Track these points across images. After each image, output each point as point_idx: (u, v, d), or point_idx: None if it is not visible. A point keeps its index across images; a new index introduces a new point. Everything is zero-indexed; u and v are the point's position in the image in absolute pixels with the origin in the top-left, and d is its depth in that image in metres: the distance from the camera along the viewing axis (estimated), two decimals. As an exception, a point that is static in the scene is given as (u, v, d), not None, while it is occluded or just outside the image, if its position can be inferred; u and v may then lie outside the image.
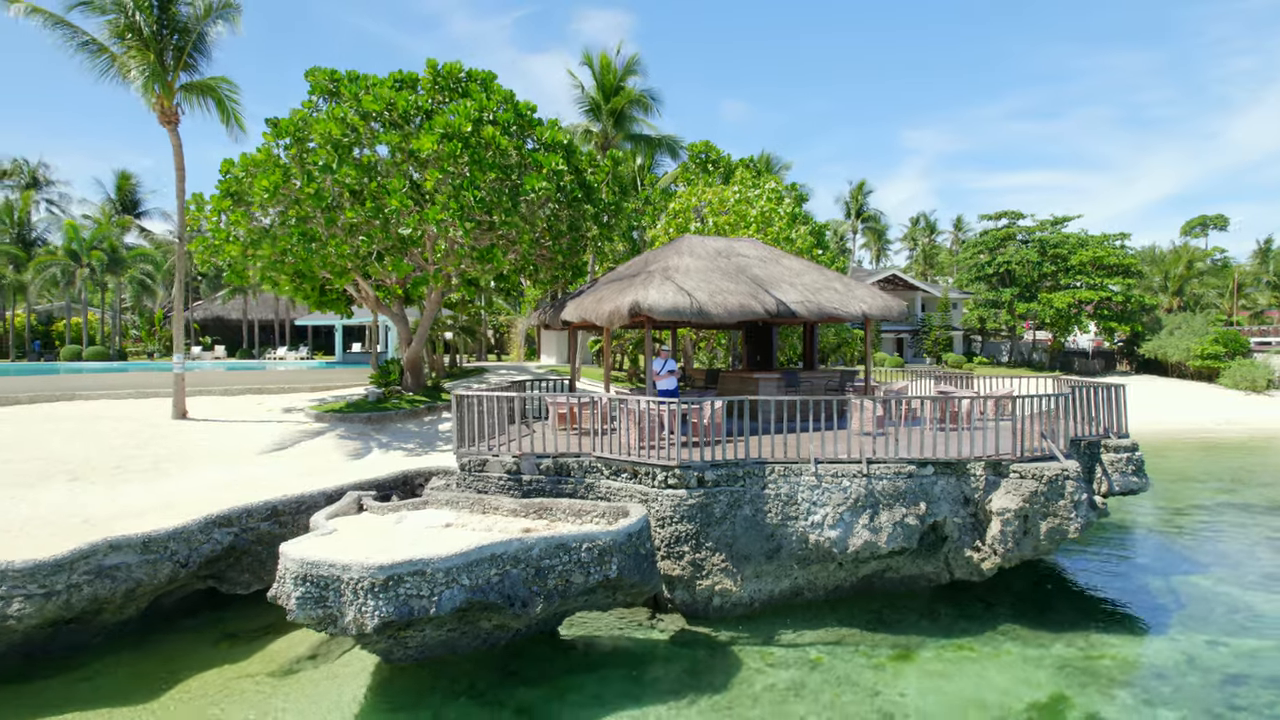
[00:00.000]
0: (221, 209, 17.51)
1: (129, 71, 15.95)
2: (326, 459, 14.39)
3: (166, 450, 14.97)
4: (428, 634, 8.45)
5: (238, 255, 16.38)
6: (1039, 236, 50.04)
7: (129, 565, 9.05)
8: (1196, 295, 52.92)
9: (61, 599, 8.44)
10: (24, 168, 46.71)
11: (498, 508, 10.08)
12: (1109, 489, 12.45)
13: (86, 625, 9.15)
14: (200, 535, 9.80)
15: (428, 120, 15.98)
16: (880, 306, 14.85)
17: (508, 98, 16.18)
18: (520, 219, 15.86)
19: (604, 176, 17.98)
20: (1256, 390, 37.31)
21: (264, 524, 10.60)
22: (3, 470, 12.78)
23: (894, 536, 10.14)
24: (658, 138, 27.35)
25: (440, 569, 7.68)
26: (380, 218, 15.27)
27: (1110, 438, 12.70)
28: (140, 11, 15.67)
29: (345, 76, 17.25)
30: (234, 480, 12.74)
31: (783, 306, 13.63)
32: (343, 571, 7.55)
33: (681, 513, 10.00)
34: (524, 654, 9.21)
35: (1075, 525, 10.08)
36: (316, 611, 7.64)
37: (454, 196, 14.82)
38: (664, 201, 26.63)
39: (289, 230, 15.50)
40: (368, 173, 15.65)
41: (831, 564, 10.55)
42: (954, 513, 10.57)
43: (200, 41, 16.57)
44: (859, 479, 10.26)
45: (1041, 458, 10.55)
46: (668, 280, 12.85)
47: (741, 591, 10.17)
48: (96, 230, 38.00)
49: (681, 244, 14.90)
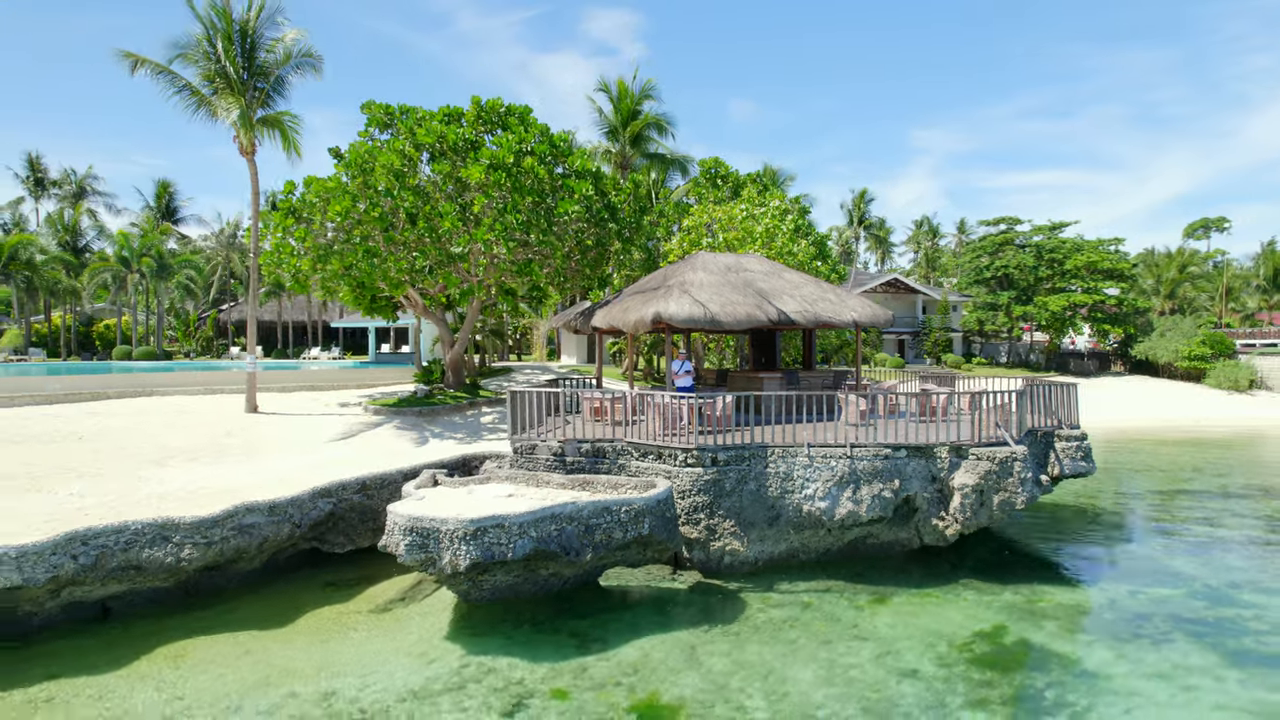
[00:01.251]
0: (285, 226, 19.92)
1: (217, 111, 18.38)
2: (392, 445, 16.74)
3: (251, 438, 17.37)
4: (499, 578, 10.77)
5: (307, 269, 18.73)
6: (1035, 241, 51.97)
7: (260, 524, 11.40)
8: (1188, 298, 54.72)
9: (216, 548, 10.79)
10: (72, 177, 49.46)
11: (548, 481, 12.38)
12: (1061, 471, 14.64)
13: (226, 571, 11.51)
14: (309, 503, 12.15)
15: (473, 151, 18.29)
16: (869, 315, 17.05)
17: (543, 131, 18.50)
18: (554, 237, 18.17)
19: (625, 197, 20.27)
20: (1239, 390, 39.23)
21: (355, 496, 12.95)
22: (132, 454, 15.20)
23: (872, 507, 12.38)
24: (671, 157, 29.64)
25: (515, 523, 9.98)
26: (433, 236, 17.60)
27: (1063, 428, 14.87)
28: (229, 61, 18.06)
29: (398, 110, 19.60)
30: (319, 462, 15.10)
31: (784, 315, 15.88)
32: (441, 524, 9.86)
33: (698, 487, 12.27)
34: (572, 598, 11.49)
35: (1022, 498, 12.29)
36: (420, 555, 9.96)
37: (498, 219, 17.14)
38: (676, 214, 28.93)
39: (354, 247, 17.83)
40: (421, 197, 17.98)
41: (821, 530, 12.78)
42: (923, 488, 12.80)
43: (278, 84, 18.96)
44: (844, 460, 12.50)
45: (996, 443, 12.75)
46: (685, 293, 15.12)
47: (747, 552, 12.43)
48: (145, 239, 40.59)
49: (695, 260, 17.16)
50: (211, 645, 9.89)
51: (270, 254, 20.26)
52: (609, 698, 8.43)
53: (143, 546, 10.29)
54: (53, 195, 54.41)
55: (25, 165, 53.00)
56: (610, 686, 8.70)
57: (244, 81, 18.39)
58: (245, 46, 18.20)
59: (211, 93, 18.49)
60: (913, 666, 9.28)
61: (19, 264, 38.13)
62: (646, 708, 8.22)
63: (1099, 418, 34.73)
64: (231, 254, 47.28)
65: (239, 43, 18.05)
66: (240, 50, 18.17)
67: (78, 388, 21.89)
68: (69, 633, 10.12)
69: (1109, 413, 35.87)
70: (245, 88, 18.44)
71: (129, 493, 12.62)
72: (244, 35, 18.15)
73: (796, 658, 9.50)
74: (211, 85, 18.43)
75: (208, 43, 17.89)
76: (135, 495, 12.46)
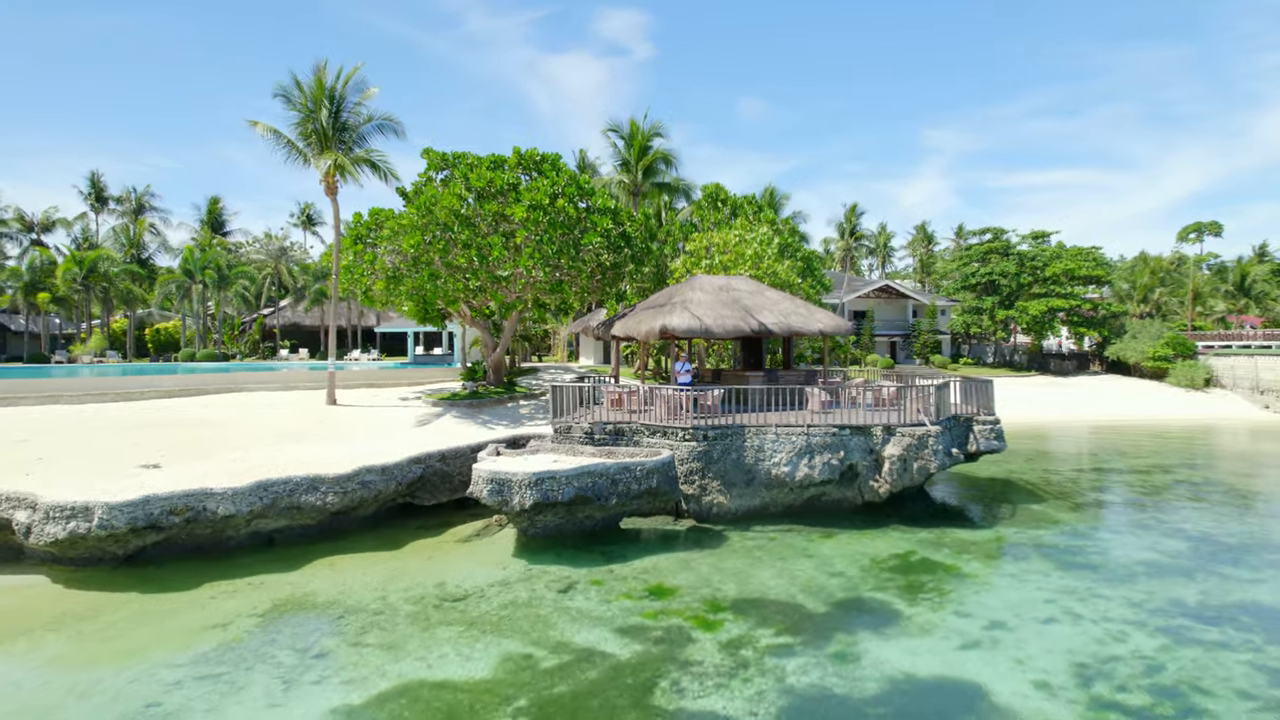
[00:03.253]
0: (356, 251, 24.34)
1: (310, 160, 22.84)
2: (454, 429, 21.09)
3: (339, 424, 21.78)
4: (549, 518, 15.07)
5: (381, 289, 23.12)
6: (1018, 250, 55.83)
7: (375, 481, 15.77)
8: (1161, 303, 58.39)
9: (348, 496, 15.16)
10: (132, 195, 54.35)
11: (582, 452, 16.68)
12: (979, 448, 18.78)
13: (349, 516, 15.88)
14: (407, 467, 16.51)
15: (514, 191, 22.63)
16: (833, 325, 21.25)
17: (572, 177, 22.79)
18: (580, 262, 22.49)
19: (638, 226, 24.56)
20: (1195, 388, 43.02)
21: (438, 463, 17.29)
22: (254, 436, 19.65)
23: (823, 471, 16.60)
24: (676, 184, 34.03)
25: (563, 476, 14.29)
26: (483, 262, 21.96)
27: (981, 414, 19.02)
28: (321, 123, 22.49)
29: (452, 156, 23.98)
30: (401, 442, 19.44)
31: (764, 326, 20.12)
32: (512, 476, 14.19)
33: (693, 456, 16.53)
34: (601, 535, 15.76)
35: (934, 465, 16.48)
36: (498, 497, 14.29)
37: (536, 248, 21.48)
38: (682, 233, 33.23)
39: (420, 272, 22.22)
40: (474, 230, 22.34)
41: (785, 489, 17.00)
42: (862, 458, 17.00)
43: (360, 138, 23.37)
44: (802, 436, 16.72)
45: (917, 424, 16.94)
46: (685, 310, 19.41)
47: (730, 504, 16.68)
48: (205, 254, 45.34)
49: (694, 282, 21.43)
50: (351, 560, 14.25)
51: (345, 273, 24.68)
52: (629, 584, 12.73)
53: (302, 493, 14.68)
54: (112, 210, 59.43)
55: (88, 183, 57.97)
56: (630, 579, 13.00)
57: (331, 137, 22.79)
58: (334, 109, 22.63)
59: (306, 146, 22.95)
60: (841, 570, 13.51)
61: (98, 276, 42.90)
62: (655, 589, 12.51)
63: (1058, 413, 38.76)
64: (280, 264, 52.04)
65: (329, 106, 22.49)
66: (330, 113, 22.60)
67: (184, 386, 26.40)
68: (252, 551, 14.51)
69: (1082, 410, 39.77)
70: (333, 141, 22.85)
71: (269, 462, 16.99)
72: (332, 100, 22.58)
73: (759, 566, 13.76)
74: (306, 140, 22.87)
75: (306, 107, 22.37)
76: (275, 463, 16.83)
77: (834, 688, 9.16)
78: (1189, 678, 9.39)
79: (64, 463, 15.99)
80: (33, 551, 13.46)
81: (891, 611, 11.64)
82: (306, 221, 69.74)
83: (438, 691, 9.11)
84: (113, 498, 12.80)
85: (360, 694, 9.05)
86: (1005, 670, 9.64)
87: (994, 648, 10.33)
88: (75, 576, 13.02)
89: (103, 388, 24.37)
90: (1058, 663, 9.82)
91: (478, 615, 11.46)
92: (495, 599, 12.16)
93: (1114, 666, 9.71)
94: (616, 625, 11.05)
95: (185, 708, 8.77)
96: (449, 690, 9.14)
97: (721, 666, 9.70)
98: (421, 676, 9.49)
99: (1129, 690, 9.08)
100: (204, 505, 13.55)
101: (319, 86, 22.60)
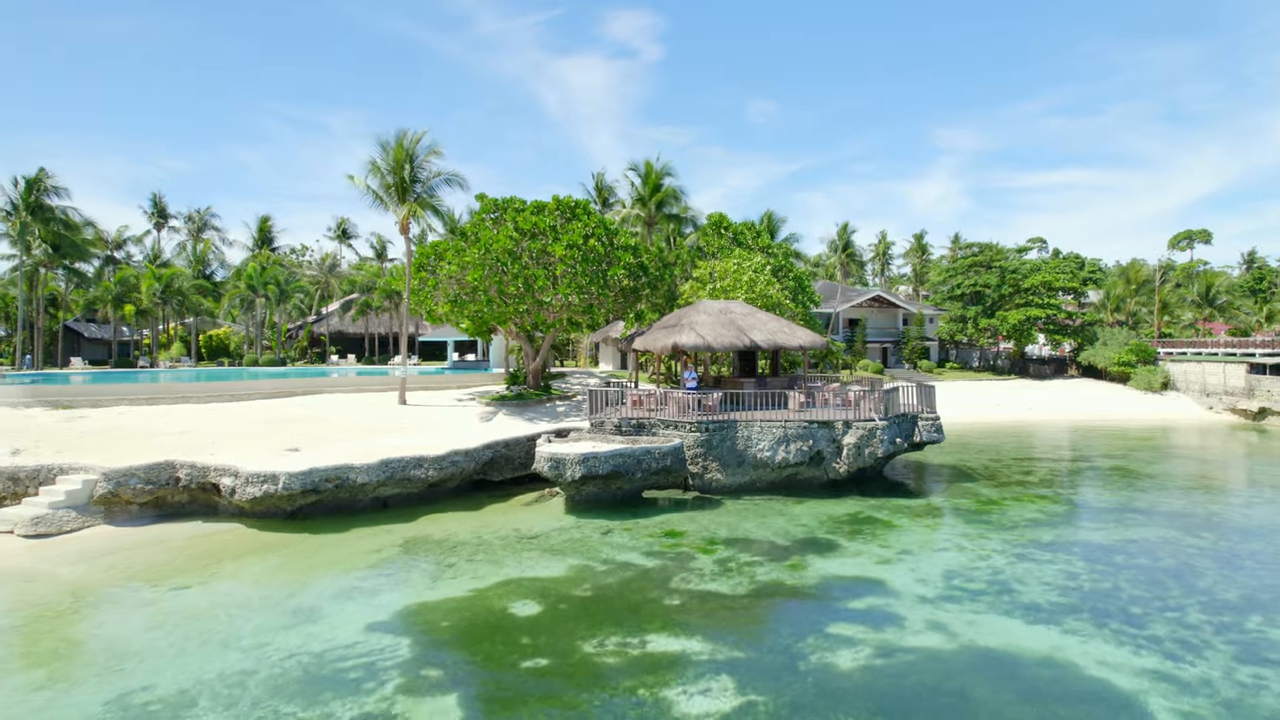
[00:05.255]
0: (420, 278, 29.80)
1: (389, 207, 28.36)
2: (509, 423, 26.44)
3: (416, 419, 27.17)
4: (590, 488, 20.38)
5: (448, 310, 28.54)
6: (999, 264, 60.73)
7: (460, 460, 21.14)
8: (1132, 312, 63.06)
9: (442, 472, 20.53)
10: (196, 217, 60.31)
11: (613, 440, 21.97)
12: (922, 439, 23.91)
13: (439, 488, 21.23)
14: (482, 451, 21.86)
15: (554, 232, 28.00)
16: (810, 341, 26.45)
17: (600, 220, 28.12)
18: (607, 289, 27.83)
19: (653, 258, 29.86)
20: (1152, 390, 47.83)
21: (503, 449, 22.63)
22: (350, 429, 25.06)
23: (796, 455, 21.80)
24: (683, 214, 39.48)
25: (602, 456, 19.61)
26: (529, 290, 27.32)
27: (925, 412, 24.15)
28: (398, 179, 28.04)
29: (503, 202, 29.38)
30: (472, 433, 24.79)
31: (754, 342, 25.36)
32: (565, 455, 19.51)
33: (698, 443, 21.78)
34: (628, 501, 21.01)
35: (881, 451, 21.66)
36: (555, 472, 19.61)
37: (572, 280, 26.83)
38: (690, 256, 38.55)
39: (479, 298, 27.62)
40: (521, 264, 27.72)
41: (768, 469, 22.20)
42: (827, 446, 22.18)
43: (430, 190, 28.92)
44: (781, 429, 21.93)
45: (869, 420, 22.10)
46: (692, 329, 24.69)
47: (725, 480, 21.92)
48: (267, 271, 51.11)
49: (699, 306, 26.69)
50: (448, 517, 19.60)
51: (414, 296, 30.14)
52: (650, 530, 18.01)
53: (411, 468, 20.06)
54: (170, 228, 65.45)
55: (151, 203, 63.98)
56: (651, 527, 18.28)
57: (408, 189, 28.27)
58: (409, 166, 28.14)
59: (385, 194, 28.49)
60: (805, 523, 18.73)
61: (173, 290, 48.72)
62: (669, 532, 17.79)
63: (1023, 413, 43.72)
64: (329, 278, 57.83)
65: (409, 167, 28.02)
66: (409, 171, 28.12)
67: (279, 389, 31.91)
68: (373, 511, 19.87)
69: (1046, 410, 44.70)
70: (407, 192, 28.31)
71: (374, 448, 22.38)
72: (411, 161, 28.10)
73: (745, 520, 19.00)
74: (386, 192, 28.39)
75: (387, 167, 27.94)
76: (380, 447, 22.21)
77: (785, 580, 14.42)
78: (1015, 577, 14.56)
79: (229, 447, 21.45)
80: (226, 507, 18.89)
81: (834, 545, 16.87)
82: (342, 235, 75.55)
83: (532, 582, 14.42)
84: (289, 468, 18.22)
85: (483, 583, 14.36)
86: (901, 573, 14.84)
87: (898, 563, 15.53)
88: (258, 524, 18.42)
89: (218, 391, 29.90)
90: (936, 570, 15.01)
91: (548, 546, 16.79)
92: (557, 537, 17.50)
93: (971, 572, 14.90)
94: (643, 551, 16.35)
95: (378, 589, 14.11)
96: (539, 581, 14.45)
97: (714, 571, 14.98)
98: (519, 575, 14.81)
99: (974, 581, 14.27)
100: (347, 475, 18.95)
101: (397, 149, 28.11)
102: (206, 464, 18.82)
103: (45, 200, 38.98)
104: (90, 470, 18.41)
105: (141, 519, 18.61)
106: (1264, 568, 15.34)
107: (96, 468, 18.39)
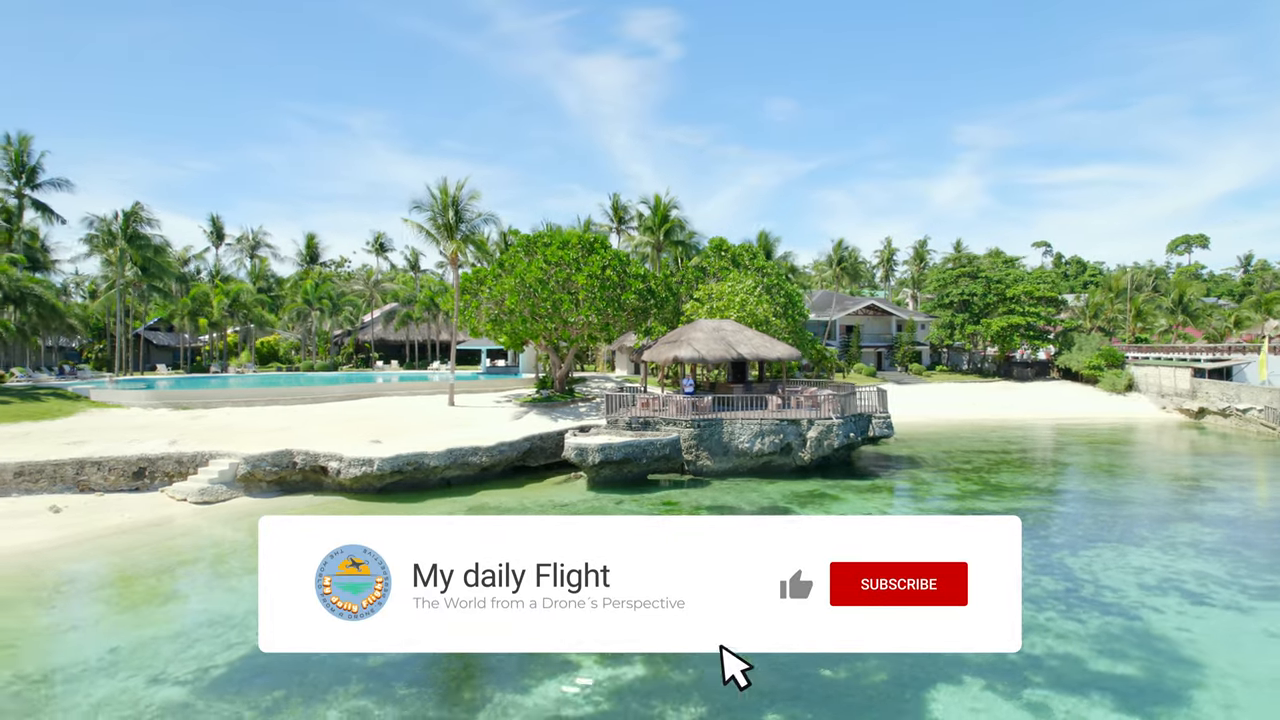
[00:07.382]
0: (465, 299, 35.85)
1: (439, 243, 34.45)
2: (540, 421, 32.37)
3: (465, 417, 33.19)
4: (606, 471, 26.22)
5: (489, 328, 34.54)
6: (984, 274, 65.71)
7: (506, 449, 27.09)
8: (1110, 319, 67.65)
9: (493, 458, 26.48)
10: (249, 236, 67.15)
11: (625, 433, 27.79)
12: (875, 434, 29.46)
13: (490, 471, 27.18)
14: (523, 442, 27.80)
15: (576, 264, 33.87)
16: (788, 354, 32.09)
17: (616, 254, 33.96)
18: (622, 311, 33.67)
19: (660, 283, 35.64)
20: (1117, 391, 52.72)
21: (538, 441, 28.53)
22: (411, 426, 31.14)
23: (771, 446, 27.47)
24: (687, 241, 45.51)
25: (616, 445, 25.47)
26: (556, 312, 33.23)
27: (879, 412, 29.69)
28: (446, 220, 34.17)
29: (534, 236, 35.32)
30: (513, 429, 30.71)
31: (741, 355, 31.06)
32: (588, 445, 25.39)
33: (692, 436, 27.54)
34: (636, 481, 26.80)
35: (838, 443, 27.29)
36: (579, 458, 25.49)
37: (593, 304, 32.70)
38: (694, 275, 44.30)
39: (515, 318, 33.59)
40: (549, 290, 33.63)
41: (747, 457, 27.87)
42: (795, 439, 27.81)
43: (473, 228, 34.96)
44: (758, 425, 27.61)
45: (827, 419, 27.71)
46: (689, 345, 30.47)
47: (714, 466, 27.65)
48: (321, 287, 57.69)
49: (696, 324, 32.43)
50: (497, 492, 25.53)
51: (460, 315, 36.22)
52: (653, 500, 23.83)
53: (469, 455, 26.02)
54: (226, 245, 72.37)
55: (210, 223, 70.96)
56: (653, 499, 24.09)
57: (454, 228, 34.34)
58: (455, 208, 34.22)
59: (435, 231, 34.61)
60: (772, 497, 24.41)
61: (240, 304, 55.41)
62: (667, 502, 23.60)
63: (992, 412, 48.92)
64: (373, 291, 64.36)
65: (454, 210, 34.10)
66: (453, 211, 34.19)
67: (349, 393, 38.14)
68: (439, 488, 25.85)
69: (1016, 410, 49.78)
70: (455, 231, 34.38)
71: (439, 440, 28.36)
72: (455, 203, 34.20)
73: (727, 495, 24.75)
74: (436, 228, 34.51)
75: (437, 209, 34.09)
76: (443, 439, 28.17)
77: (745, 533, 20.20)
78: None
79: (325, 440, 27.56)
80: (330, 485, 24.97)
81: (788, 510, 22.55)
82: (379, 249, 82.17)
83: (567, 534, 20.30)
84: (380, 454, 24.25)
85: (532, 534, 20.26)
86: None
87: (831, 524, 21.19)
88: (356, 497, 24.45)
89: (299, 395, 36.17)
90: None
91: (574, 511, 22.65)
92: (582, 505, 23.37)
93: (882, 529, 20.51)
94: (645, 514, 22.15)
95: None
96: (571, 534, 20.32)
97: (695, 527, 20.76)
98: (557, 530, 20.69)
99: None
100: (422, 460, 24.95)
101: (444, 194, 34.19)
102: (317, 451, 24.92)
103: (139, 230, 45.57)
104: (233, 456, 24.58)
105: (270, 493, 24.76)
106: (1103, 529, 20.82)
107: (237, 454, 24.56)
